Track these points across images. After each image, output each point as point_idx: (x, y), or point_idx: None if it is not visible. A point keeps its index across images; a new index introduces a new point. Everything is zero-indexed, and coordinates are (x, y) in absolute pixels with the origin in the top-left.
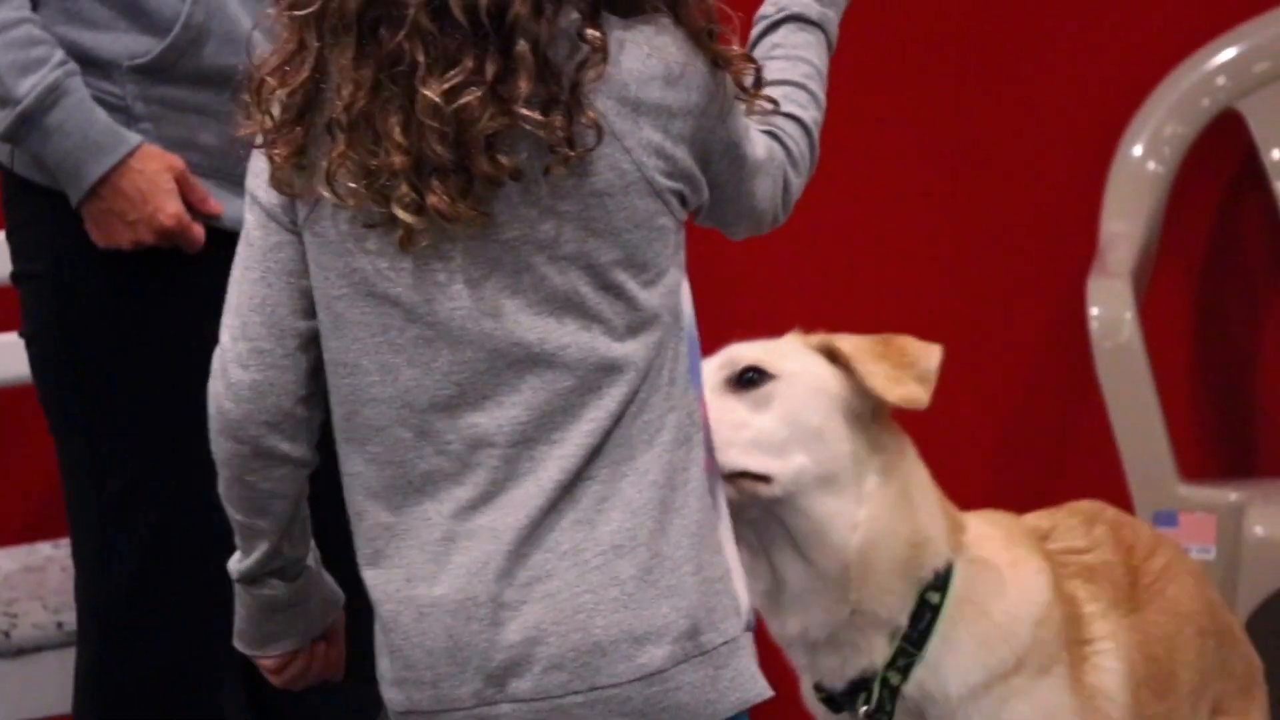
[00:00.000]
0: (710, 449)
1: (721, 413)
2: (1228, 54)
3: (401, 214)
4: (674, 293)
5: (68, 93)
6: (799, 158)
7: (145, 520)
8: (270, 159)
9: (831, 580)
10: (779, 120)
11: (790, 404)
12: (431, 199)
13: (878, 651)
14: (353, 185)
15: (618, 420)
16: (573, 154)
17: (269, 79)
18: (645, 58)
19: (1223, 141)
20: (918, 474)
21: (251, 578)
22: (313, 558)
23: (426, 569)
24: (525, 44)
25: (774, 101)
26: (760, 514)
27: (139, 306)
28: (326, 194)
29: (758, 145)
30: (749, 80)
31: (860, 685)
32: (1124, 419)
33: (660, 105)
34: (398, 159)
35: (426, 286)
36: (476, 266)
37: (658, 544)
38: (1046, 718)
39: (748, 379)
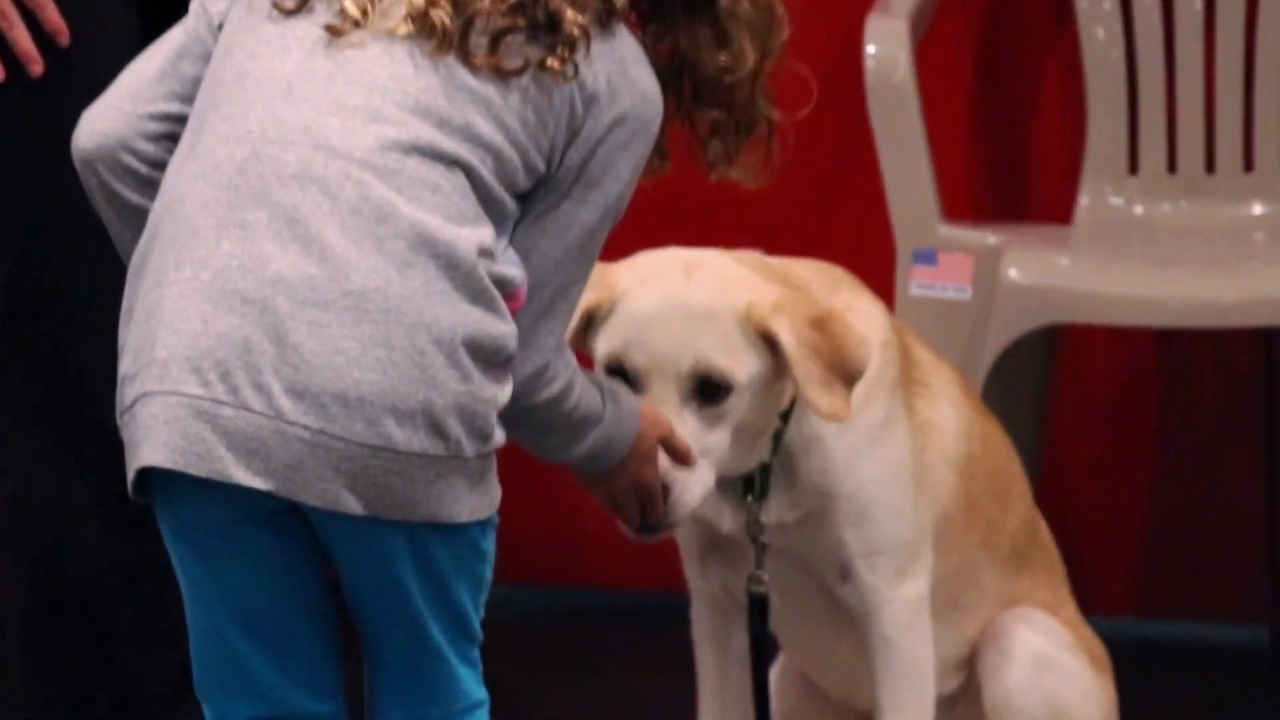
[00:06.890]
0: None
1: (681, 437)
2: None
3: None
4: None
5: None
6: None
7: None
8: None
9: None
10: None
11: (739, 415)
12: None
13: (766, 449)
14: None
15: None
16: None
17: None
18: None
19: None
20: None
21: None
22: None
23: None
24: None
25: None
26: None
27: None
28: None
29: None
30: None
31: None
32: (891, 157)
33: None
34: None
35: None
36: None
37: None
38: (891, 419)
39: (709, 390)
